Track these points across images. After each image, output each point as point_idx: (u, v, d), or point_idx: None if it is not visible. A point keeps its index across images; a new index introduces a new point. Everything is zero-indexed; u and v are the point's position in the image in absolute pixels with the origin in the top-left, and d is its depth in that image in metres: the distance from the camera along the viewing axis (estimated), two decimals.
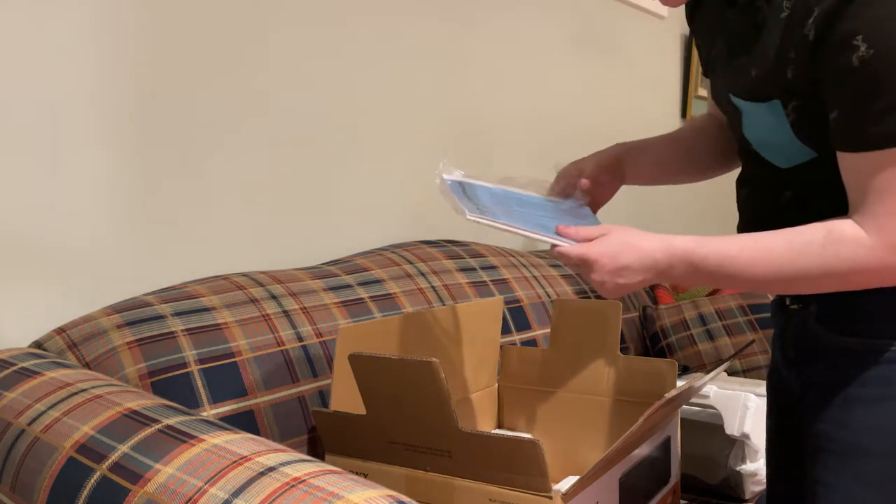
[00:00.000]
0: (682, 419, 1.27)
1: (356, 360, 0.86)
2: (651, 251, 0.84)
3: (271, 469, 0.61)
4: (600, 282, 0.85)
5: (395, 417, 0.86)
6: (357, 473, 0.80)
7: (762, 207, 0.91)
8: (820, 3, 0.73)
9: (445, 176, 0.94)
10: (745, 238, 0.82)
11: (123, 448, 0.67)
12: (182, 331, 1.01)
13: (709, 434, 1.33)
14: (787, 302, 0.91)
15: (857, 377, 0.83)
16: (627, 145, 1.07)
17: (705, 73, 1.01)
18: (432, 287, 1.35)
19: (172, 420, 0.71)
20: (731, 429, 1.29)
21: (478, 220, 0.86)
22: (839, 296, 0.82)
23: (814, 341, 0.88)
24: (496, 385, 1.27)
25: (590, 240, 0.86)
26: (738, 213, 0.97)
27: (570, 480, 0.92)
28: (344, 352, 0.93)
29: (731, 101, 0.88)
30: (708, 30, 0.95)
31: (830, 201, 0.81)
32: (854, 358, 0.83)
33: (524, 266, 1.60)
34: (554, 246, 0.88)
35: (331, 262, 1.35)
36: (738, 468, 1.32)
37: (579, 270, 0.87)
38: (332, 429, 0.93)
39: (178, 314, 1.03)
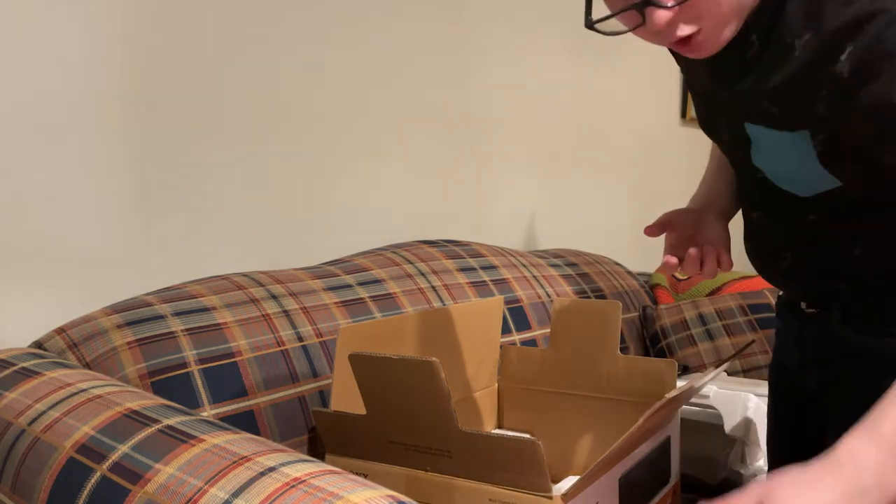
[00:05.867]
0: (682, 419, 1.27)
1: (356, 360, 0.86)
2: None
3: (271, 469, 0.61)
4: None
5: (395, 417, 0.86)
6: (357, 473, 0.80)
7: (782, 235, 0.87)
8: (852, 40, 0.67)
9: None
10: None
11: (123, 448, 0.67)
12: (182, 331, 1.01)
13: (709, 434, 1.33)
14: (804, 306, 0.90)
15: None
16: (705, 197, 1.02)
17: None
18: (432, 287, 1.35)
19: (172, 420, 0.71)
20: (731, 429, 1.29)
21: None
22: (870, 297, 0.81)
23: (842, 343, 0.86)
24: (496, 385, 1.26)
25: None
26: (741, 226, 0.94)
27: (570, 480, 0.92)
28: (344, 352, 0.93)
29: (741, 129, 0.83)
30: (688, 63, 0.89)
31: (857, 219, 0.80)
32: (891, 358, 0.82)
33: (524, 266, 1.60)
34: None
35: (331, 262, 1.35)
36: (738, 468, 1.32)
37: None
38: (332, 429, 0.93)
39: (178, 314, 1.03)
